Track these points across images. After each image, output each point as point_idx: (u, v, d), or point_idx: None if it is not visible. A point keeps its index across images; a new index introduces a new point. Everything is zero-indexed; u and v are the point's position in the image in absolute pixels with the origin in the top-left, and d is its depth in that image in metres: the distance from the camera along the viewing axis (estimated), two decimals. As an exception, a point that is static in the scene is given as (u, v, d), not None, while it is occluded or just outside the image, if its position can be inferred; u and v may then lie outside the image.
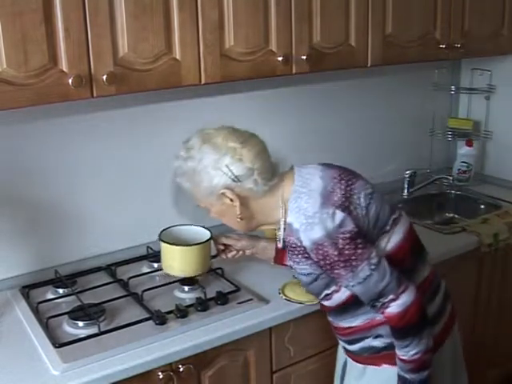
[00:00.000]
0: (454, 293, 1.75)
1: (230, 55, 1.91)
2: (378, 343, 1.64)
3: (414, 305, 1.51)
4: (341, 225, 1.48)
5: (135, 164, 2.21)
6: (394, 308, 1.51)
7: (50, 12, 1.58)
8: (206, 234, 1.92)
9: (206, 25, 1.84)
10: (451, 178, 2.92)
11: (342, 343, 1.77)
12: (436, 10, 2.40)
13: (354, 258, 1.48)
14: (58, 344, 1.67)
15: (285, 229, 1.60)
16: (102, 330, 1.72)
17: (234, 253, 1.96)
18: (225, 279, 2.02)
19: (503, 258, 2.53)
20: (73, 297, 1.92)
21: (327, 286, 1.60)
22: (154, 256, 2.17)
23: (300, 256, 1.56)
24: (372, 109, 2.80)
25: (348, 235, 1.48)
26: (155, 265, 2.12)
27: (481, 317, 2.56)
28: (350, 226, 1.49)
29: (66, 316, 1.80)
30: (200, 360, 1.75)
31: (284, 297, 1.91)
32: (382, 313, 1.54)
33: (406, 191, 2.84)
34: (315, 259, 1.52)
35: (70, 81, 1.63)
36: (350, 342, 1.70)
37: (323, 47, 2.11)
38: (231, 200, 1.58)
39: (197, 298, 1.87)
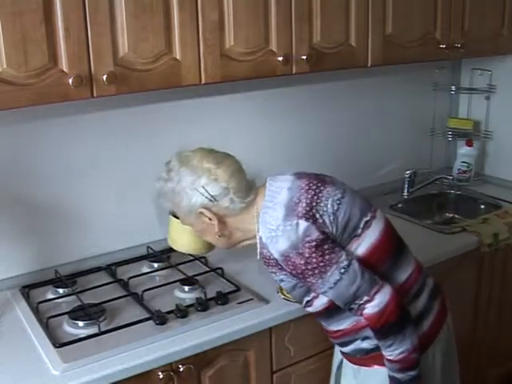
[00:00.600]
0: (454, 293, 1.75)
1: (230, 55, 1.91)
2: (366, 345, 1.65)
3: (390, 304, 1.52)
4: (305, 234, 1.51)
5: (135, 164, 2.21)
6: (369, 309, 1.52)
7: (50, 12, 1.58)
8: None
9: (206, 25, 1.84)
10: (451, 177, 2.92)
11: (335, 345, 1.80)
12: (436, 9, 2.40)
13: (322, 264, 1.50)
14: (58, 344, 1.67)
15: (258, 243, 1.63)
16: (102, 329, 1.72)
17: None
18: (225, 279, 2.02)
19: (503, 257, 2.53)
20: (73, 297, 1.92)
21: (306, 294, 1.62)
22: (154, 256, 2.17)
23: (275, 267, 1.59)
24: (372, 109, 2.80)
25: (314, 243, 1.50)
26: (155, 265, 2.12)
27: (481, 317, 2.56)
28: (314, 234, 1.51)
29: (66, 316, 1.80)
30: (200, 360, 1.75)
31: (283, 296, 1.91)
32: (361, 315, 1.55)
33: (406, 191, 2.84)
34: (287, 270, 1.55)
35: (70, 81, 1.63)
36: (342, 345, 1.72)
37: (323, 47, 2.11)
38: (209, 219, 1.62)
39: (197, 298, 1.87)
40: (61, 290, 1.98)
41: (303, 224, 1.52)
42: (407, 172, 2.83)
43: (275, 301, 1.90)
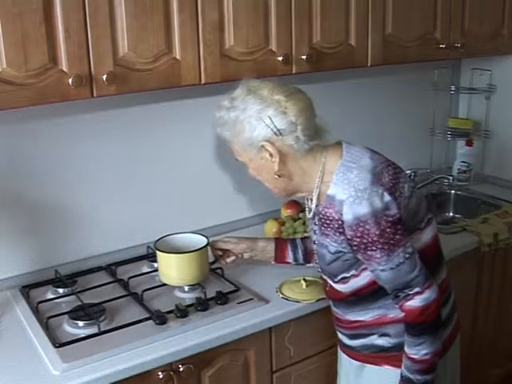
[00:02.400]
0: (454, 292, 1.75)
1: (230, 55, 1.91)
2: (382, 342, 1.62)
3: (435, 302, 1.51)
4: (387, 207, 1.47)
5: (135, 164, 2.21)
6: (417, 301, 1.50)
7: (51, 12, 1.58)
8: (203, 241, 1.92)
9: (206, 25, 1.84)
10: (451, 177, 2.92)
11: (341, 336, 1.75)
12: (436, 9, 2.40)
13: (392, 242, 1.47)
14: (58, 344, 1.67)
15: (318, 199, 1.57)
16: (102, 329, 1.72)
17: (233, 258, 1.94)
18: (225, 279, 2.02)
19: (503, 257, 2.53)
20: (73, 296, 1.92)
21: (347, 269, 1.56)
22: (154, 256, 2.16)
23: (332, 230, 1.53)
24: (372, 108, 2.80)
25: (391, 219, 1.46)
26: (155, 264, 2.12)
27: (481, 317, 2.56)
28: (394, 210, 1.47)
29: (66, 316, 1.80)
30: (200, 360, 1.75)
31: (281, 295, 1.91)
32: (401, 306, 1.52)
33: (406, 191, 2.84)
34: (349, 236, 1.49)
35: (70, 81, 1.63)
36: (352, 337, 1.68)
37: (323, 47, 2.11)
38: (270, 155, 1.53)
39: (197, 298, 1.87)
40: (61, 290, 1.98)
41: (387, 197, 1.48)
42: (407, 172, 2.83)
43: (275, 301, 1.90)
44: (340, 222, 1.50)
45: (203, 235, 1.95)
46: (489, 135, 3.00)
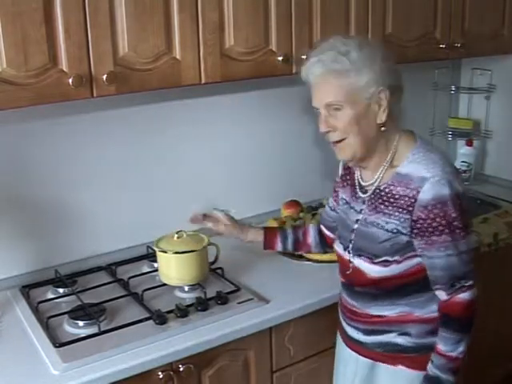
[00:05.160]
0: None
1: (230, 55, 1.91)
2: (401, 341, 1.60)
3: (477, 299, 1.54)
4: (463, 193, 1.51)
5: (135, 164, 2.21)
6: (469, 294, 1.52)
7: (51, 12, 1.58)
8: (203, 241, 1.92)
9: (206, 25, 1.84)
10: (451, 177, 2.92)
11: (351, 331, 1.70)
12: (436, 9, 2.40)
13: (461, 229, 1.49)
14: (58, 344, 1.67)
15: (381, 176, 1.58)
16: (102, 329, 1.72)
17: (217, 230, 1.99)
18: (225, 279, 2.02)
19: (503, 257, 2.53)
20: (73, 296, 1.92)
21: (392, 253, 1.54)
22: (154, 256, 2.16)
23: (400, 209, 1.52)
24: (372, 108, 2.79)
25: (464, 206, 1.50)
26: (155, 264, 2.12)
27: (481, 316, 2.54)
28: (463, 201, 1.51)
29: (66, 316, 1.80)
30: (200, 360, 1.75)
31: (156, 248, 1.90)
32: (452, 297, 1.52)
33: (406, 191, 2.84)
34: (417, 217, 1.49)
35: (71, 81, 1.63)
36: (368, 332, 1.65)
37: (323, 47, 2.11)
38: (379, 106, 1.52)
39: (197, 298, 1.87)
40: (61, 290, 1.98)
41: (462, 185, 1.52)
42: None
43: (275, 301, 1.90)
44: (413, 201, 1.50)
45: (203, 235, 1.95)
46: (489, 135, 3.00)
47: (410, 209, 1.50)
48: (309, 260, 2.16)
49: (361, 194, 1.65)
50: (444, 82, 3.01)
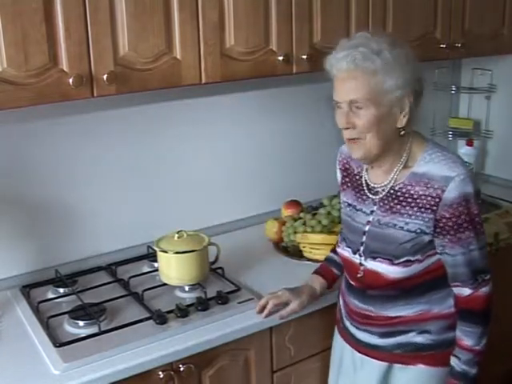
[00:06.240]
0: (455, 292, 1.75)
1: (230, 55, 1.91)
2: (421, 339, 1.60)
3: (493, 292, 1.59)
4: (477, 194, 1.54)
5: (135, 164, 2.21)
6: (489, 288, 1.58)
7: (51, 12, 1.58)
8: (203, 241, 1.92)
9: (207, 24, 1.84)
10: (451, 177, 2.92)
11: (363, 336, 1.66)
12: (436, 9, 2.40)
13: (480, 224, 1.53)
14: (59, 343, 1.67)
15: (396, 177, 1.58)
16: (103, 329, 1.72)
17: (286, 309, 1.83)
18: (225, 279, 2.02)
19: (503, 257, 2.52)
20: (73, 296, 1.92)
21: (415, 252, 1.54)
22: (155, 255, 2.16)
23: (422, 208, 1.52)
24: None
25: (479, 206, 1.53)
26: (155, 264, 2.12)
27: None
28: (478, 201, 1.54)
29: (67, 315, 1.80)
30: (200, 359, 1.75)
31: (157, 248, 1.90)
32: (475, 291, 1.56)
33: (406, 191, 2.84)
34: (441, 216, 1.49)
35: (71, 80, 1.63)
36: (385, 335, 1.62)
37: (324, 47, 2.10)
38: (401, 112, 1.52)
39: (197, 298, 1.87)
40: (61, 290, 1.98)
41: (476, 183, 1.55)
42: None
43: (275, 300, 1.90)
44: (437, 200, 1.50)
45: (204, 235, 1.95)
46: (489, 135, 3.00)
47: (435, 208, 1.50)
48: (309, 260, 2.16)
49: (370, 195, 1.63)
50: (444, 82, 3.01)
